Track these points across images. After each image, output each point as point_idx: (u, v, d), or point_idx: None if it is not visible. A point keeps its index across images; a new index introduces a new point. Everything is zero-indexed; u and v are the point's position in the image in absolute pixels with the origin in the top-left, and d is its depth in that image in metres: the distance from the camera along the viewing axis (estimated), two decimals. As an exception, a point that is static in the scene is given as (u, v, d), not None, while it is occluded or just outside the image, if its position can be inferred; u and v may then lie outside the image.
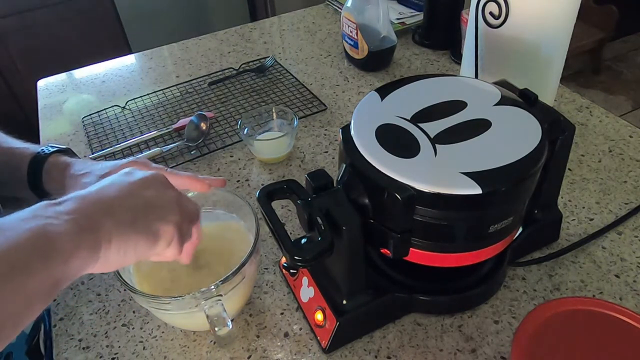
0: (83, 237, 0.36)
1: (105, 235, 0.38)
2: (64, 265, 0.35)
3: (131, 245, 0.40)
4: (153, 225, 0.41)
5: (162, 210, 0.42)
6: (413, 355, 0.53)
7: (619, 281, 0.59)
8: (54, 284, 0.35)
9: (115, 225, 0.38)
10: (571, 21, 0.71)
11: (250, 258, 0.50)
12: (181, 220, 0.43)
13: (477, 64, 0.76)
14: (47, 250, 0.34)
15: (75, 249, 0.36)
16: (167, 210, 0.43)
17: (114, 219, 0.39)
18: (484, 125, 0.49)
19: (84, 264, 0.37)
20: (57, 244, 0.35)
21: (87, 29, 1.97)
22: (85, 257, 0.36)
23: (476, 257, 0.51)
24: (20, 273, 0.33)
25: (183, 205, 0.45)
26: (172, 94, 0.98)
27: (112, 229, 0.38)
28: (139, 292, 0.48)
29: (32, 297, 0.34)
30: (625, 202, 0.69)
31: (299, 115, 0.88)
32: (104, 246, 0.38)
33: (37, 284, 0.34)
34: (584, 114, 0.86)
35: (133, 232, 0.39)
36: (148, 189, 0.43)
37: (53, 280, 0.35)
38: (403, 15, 1.15)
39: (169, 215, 0.42)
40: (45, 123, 0.95)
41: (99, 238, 0.37)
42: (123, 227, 0.39)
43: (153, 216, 0.41)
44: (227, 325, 0.49)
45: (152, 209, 0.42)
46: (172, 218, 0.42)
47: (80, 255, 0.36)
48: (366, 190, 0.47)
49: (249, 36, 1.17)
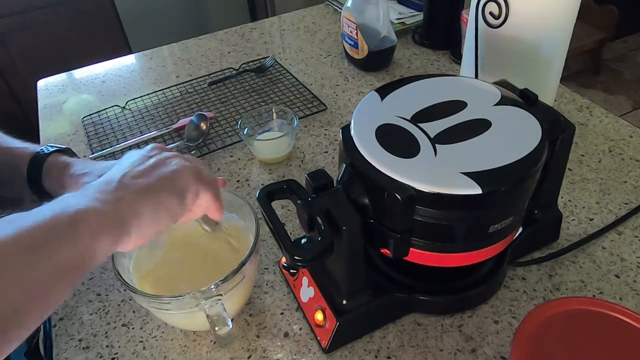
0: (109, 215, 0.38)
1: (130, 208, 0.39)
2: (92, 242, 0.36)
3: (160, 208, 0.41)
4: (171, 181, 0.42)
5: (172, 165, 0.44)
6: (413, 355, 0.53)
7: (619, 281, 0.59)
8: (80, 261, 0.36)
9: (136, 196, 0.40)
10: (571, 21, 0.71)
11: (250, 258, 0.50)
12: (196, 169, 0.45)
13: (477, 64, 0.76)
14: (74, 227, 0.36)
15: (103, 226, 0.37)
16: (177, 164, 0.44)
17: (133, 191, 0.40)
18: (484, 125, 0.49)
19: (114, 240, 0.38)
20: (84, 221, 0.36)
21: (87, 29, 1.97)
22: (114, 234, 0.38)
23: (476, 257, 0.51)
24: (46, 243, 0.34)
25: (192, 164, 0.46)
26: (172, 94, 0.98)
27: (134, 201, 0.39)
28: (139, 291, 0.48)
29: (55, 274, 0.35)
30: (625, 202, 0.69)
31: (299, 115, 0.88)
32: (133, 219, 0.39)
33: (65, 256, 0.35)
34: (584, 114, 0.86)
35: (156, 195, 0.41)
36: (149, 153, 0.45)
37: (79, 257, 0.36)
38: (403, 15, 1.15)
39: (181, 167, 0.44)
40: (45, 123, 0.95)
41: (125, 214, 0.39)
42: (143, 195, 0.40)
43: (167, 172, 0.43)
44: (227, 324, 0.49)
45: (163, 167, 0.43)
46: (185, 168, 0.44)
47: (109, 232, 0.37)
48: (366, 190, 0.47)
49: (249, 36, 1.17)
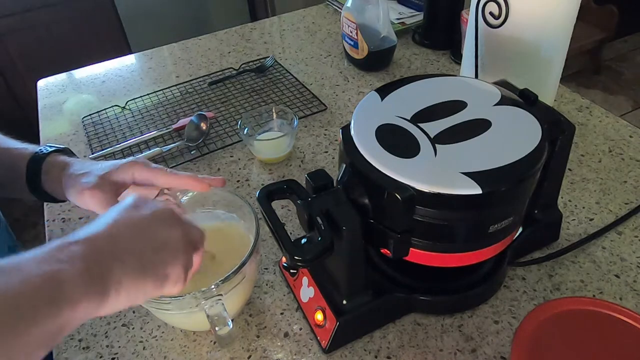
0: (92, 285, 0.36)
1: (114, 283, 0.38)
2: (71, 311, 0.35)
3: (140, 290, 0.40)
4: (161, 269, 0.41)
5: (170, 252, 0.42)
6: (413, 355, 0.53)
7: (619, 281, 0.59)
8: (59, 330, 0.35)
9: (124, 272, 0.38)
10: (571, 21, 0.71)
11: (251, 258, 0.50)
12: (188, 259, 0.43)
13: (477, 64, 0.76)
14: (55, 296, 0.34)
15: (83, 296, 0.36)
16: (175, 252, 0.42)
17: (123, 265, 0.38)
18: (484, 125, 0.49)
19: (91, 310, 0.37)
20: (66, 291, 0.35)
21: (87, 29, 1.97)
22: (93, 303, 0.36)
23: (476, 257, 0.51)
24: (26, 318, 0.33)
25: (189, 240, 0.44)
26: (172, 94, 0.98)
27: (121, 277, 0.38)
28: None
29: (34, 343, 0.34)
30: (625, 202, 0.69)
31: (299, 115, 0.88)
32: (113, 293, 0.38)
33: (41, 330, 0.34)
34: (584, 114, 0.86)
35: (142, 277, 0.39)
36: (156, 227, 0.42)
37: (58, 327, 0.35)
38: (403, 15, 1.15)
39: (177, 257, 0.42)
40: (45, 123, 0.95)
41: (108, 286, 0.37)
42: (132, 273, 0.39)
43: (161, 259, 0.41)
44: (227, 324, 0.49)
45: (160, 251, 0.41)
46: (179, 259, 0.42)
47: (89, 301, 0.36)
48: (366, 190, 0.47)
49: (249, 36, 1.17)
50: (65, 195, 0.54)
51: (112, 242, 0.39)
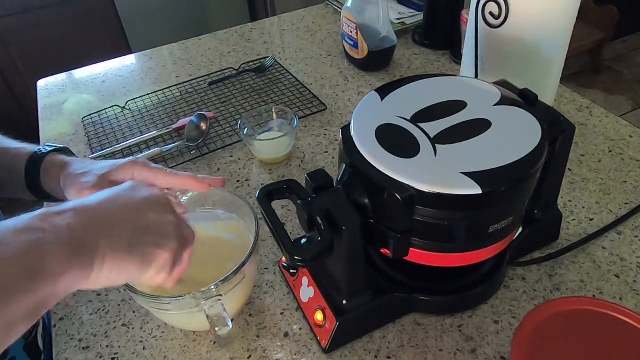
0: (76, 256, 0.36)
1: (100, 256, 0.37)
2: (52, 285, 0.34)
3: (124, 268, 0.39)
4: (148, 251, 0.40)
5: (159, 236, 0.42)
6: (413, 355, 0.53)
7: (619, 281, 0.59)
8: (39, 304, 0.34)
9: (111, 246, 0.38)
10: (571, 21, 0.71)
11: (250, 258, 0.50)
12: (177, 247, 0.43)
13: (477, 64, 0.76)
14: (36, 270, 0.33)
15: (66, 269, 0.35)
16: (165, 237, 0.42)
17: (111, 240, 0.38)
18: (484, 125, 0.49)
19: (73, 283, 0.36)
20: (47, 263, 0.34)
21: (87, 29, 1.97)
22: (76, 276, 0.36)
23: (476, 257, 0.51)
24: (6, 291, 0.32)
25: (180, 231, 0.44)
26: (172, 94, 0.98)
27: (106, 250, 0.37)
28: (139, 292, 0.48)
29: (15, 317, 0.33)
30: (625, 202, 0.69)
31: (299, 115, 0.88)
32: (97, 266, 0.37)
33: (21, 304, 0.33)
34: (584, 114, 0.86)
35: (127, 255, 0.39)
36: (150, 210, 0.42)
37: (38, 301, 0.34)
38: (403, 15, 1.15)
39: (166, 242, 0.42)
40: (45, 123, 0.95)
41: (93, 259, 0.37)
42: (118, 249, 0.38)
43: (150, 241, 0.41)
44: (227, 325, 0.49)
45: (150, 233, 0.41)
46: (168, 245, 0.42)
47: (71, 275, 0.35)
48: (366, 190, 0.47)
49: (249, 36, 1.17)
50: (64, 195, 0.54)
51: (101, 215, 0.39)
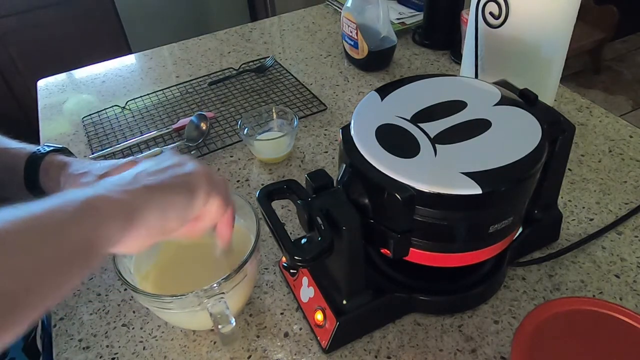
0: (118, 202, 0.38)
1: (140, 199, 0.39)
2: (101, 225, 0.36)
3: (169, 204, 0.40)
4: (183, 179, 0.42)
5: (186, 167, 0.44)
6: (413, 355, 0.53)
7: (619, 281, 0.59)
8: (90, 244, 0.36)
9: (147, 189, 0.40)
10: (571, 21, 0.71)
11: (252, 256, 0.50)
12: (209, 172, 0.45)
13: (477, 64, 0.76)
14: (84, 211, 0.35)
15: (111, 211, 0.37)
16: (192, 166, 0.44)
17: (144, 185, 0.40)
18: (484, 125, 0.49)
19: (121, 228, 0.37)
20: (93, 206, 0.36)
21: (87, 29, 1.97)
22: (122, 220, 0.37)
23: (476, 257, 0.51)
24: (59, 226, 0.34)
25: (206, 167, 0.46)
26: (172, 94, 0.98)
27: (144, 193, 0.39)
28: (141, 291, 0.48)
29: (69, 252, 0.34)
30: (625, 202, 0.69)
31: (299, 115, 0.88)
32: (141, 210, 0.39)
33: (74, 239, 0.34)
34: (584, 114, 0.86)
35: (167, 191, 0.41)
36: (168, 158, 0.45)
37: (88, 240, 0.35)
38: (403, 15, 1.15)
39: (195, 169, 0.44)
40: (45, 123, 0.95)
41: (134, 203, 0.38)
42: (154, 189, 0.40)
43: (180, 172, 0.43)
44: (230, 322, 0.49)
45: (178, 168, 0.43)
46: (199, 170, 0.44)
47: (117, 218, 0.37)
48: (366, 190, 0.47)
49: (249, 36, 1.17)
50: None
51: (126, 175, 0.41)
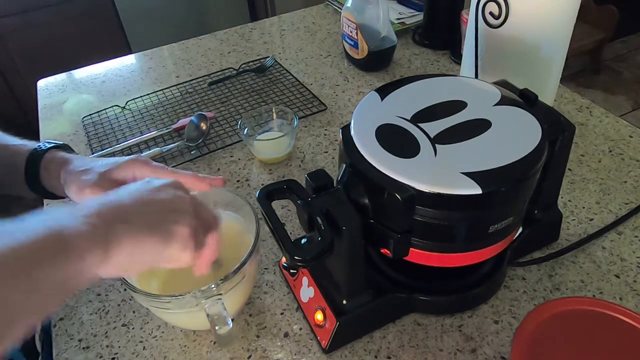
0: (97, 237, 0.37)
1: (118, 236, 0.38)
2: (77, 262, 0.36)
3: (144, 246, 0.40)
4: (167, 226, 0.41)
5: (176, 213, 0.42)
6: (413, 355, 0.53)
7: (619, 281, 0.59)
8: (65, 281, 0.36)
9: (129, 228, 0.39)
10: (571, 21, 0.71)
11: (251, 257, 0.50)
12: (196, 223, 0.43)
13: (477, 64, 0.76)
14: (60, 248, 0.35)
15: (88, 248, 0.36)
16: (182, 213, 0.43)
17: (129, 224, 0.39)
18: (484, 125, 0.49)
19: (96, 263, 0.37)
20: (70, 242, 0.36)
21: (87, 29, 1.97)
22: (98, 256, 0.37)
23: (476, 257, 0.51)
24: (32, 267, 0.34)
25: (199, 211, 0.45)
26: (172, 94, 0.98)
27: (126, 231, 0.39)
28: (140, 291, 0.48)
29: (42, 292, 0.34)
30: (625, 202, 0.69)
31: (299, 115, 0.88)
32: (115, 246, 0.38)
33: (48, 280, 0.34)
34: (584, 114, 0.86)
35: (147, 235, 0.40)
36: (164, 192, 0.43)
37: (64, 277, 0.35)
38: (403, 15, 1.15)
39: (183, 217, 0.42)
40: (45, 123, 0.95)
41: (111, 239, 0.38)
42: (137, 229, 0.40)
43: (167, 218, 0.42)
44: (227, 324, 0.49)
45: (167, 212, 0.42)
46: (186, 220, 0.42)
47: (93, 254, 0.37)
48: (366, 190, 0.47)
49: (249, 36, 1.17)
50: (64, 192, 0.53)
51: (118, 205, 0.41)
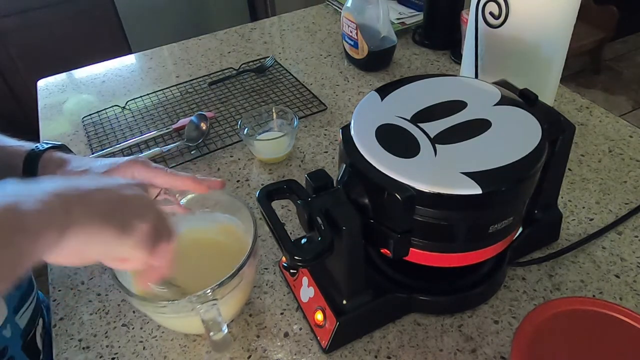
0: (53, 218, 0.36)
1: (75, 219, 0.37)
2: (31, 243, 0.34)
3: (100, 237, 0.38)
4: (127, 218, 0.40)
5: (138, 209, 0.41)
6: (413, 355, 0.53)
7: (619, 281, 0.59)
8: (18, 261, 0.34)
9: (87, 213, 0.38)
10: (571, 21, 0.71)
11: (248, 261, 0.50)
12: (156, 224, 0.42)
13: (477, 64, 0.76)
14: (14, 226, 0.34)
15: (43, 228, 0.35)
16: (145, 209, 0.42)
17: (87, 208, 0.38)
18: (484, 125, 0.49)
19: (50, 244, 0.36)
20: (25, 221, 0.34)
21: (87, 29, 1.97)
22: (53, 238, 0.36)
23: (476, 257, 0.51)
24: None
25: (161, 217, 0.43)
26: (172, 94, 0.98)
27: (83, 215, 0.37)
28: (135, 295, 0.48)
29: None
30: (625, 202, 0.69)
31: (299, 115, 0.88)
32: (71, 231, 0.36)
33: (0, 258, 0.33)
34: (584, 114, 0.86)
35: (104, 224, 0.38)
36: (130, 189, 0.42)
37: (17, 257, 0.34)
38: (403, 15, 1.15)
39: (146, 213, 0.41)
40: (45, 123, 0.95)
41: (68, 221, 0.36)
42: (94, 215, 0.38)
43: (129, 211, 0.40)
44: (222, 330, 0.48)
45: (129, 206, 0.41)
46: (149, 216, 0.41)
47: (48, 236, 0.35)
48: (366, 190, 0.47)
49: (249, 36, 1.17)
50: None
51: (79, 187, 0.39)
